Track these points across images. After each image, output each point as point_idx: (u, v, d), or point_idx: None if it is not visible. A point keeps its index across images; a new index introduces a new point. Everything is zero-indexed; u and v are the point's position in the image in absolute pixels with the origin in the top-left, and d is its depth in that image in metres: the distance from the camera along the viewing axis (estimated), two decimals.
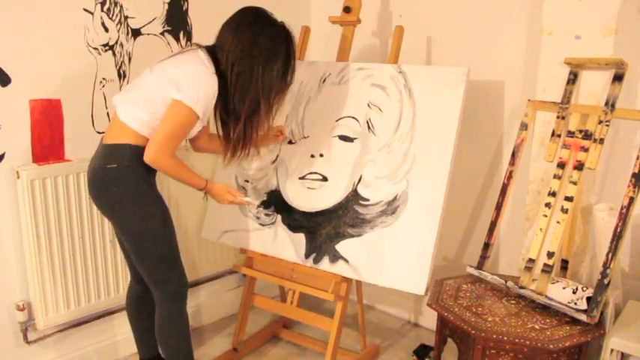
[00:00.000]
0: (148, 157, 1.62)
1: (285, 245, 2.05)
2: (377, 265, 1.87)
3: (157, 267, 1.75)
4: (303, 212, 2.04)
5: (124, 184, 1.67)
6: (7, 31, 1.80)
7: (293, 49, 1.79)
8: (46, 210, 1.91)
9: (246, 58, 1.68)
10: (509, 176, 1.95)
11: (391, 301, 2.69)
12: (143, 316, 1.94)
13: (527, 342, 1.56)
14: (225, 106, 1.73)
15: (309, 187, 2.05)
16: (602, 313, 1.64)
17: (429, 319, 2.52)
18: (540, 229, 1.81)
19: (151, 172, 1.72)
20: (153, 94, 1.65)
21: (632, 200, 1.61)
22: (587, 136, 1.77)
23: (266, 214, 2.13)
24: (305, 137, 2.11)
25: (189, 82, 1.63)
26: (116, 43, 2.08)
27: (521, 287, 1.79)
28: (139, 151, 1.64)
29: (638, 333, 1.61)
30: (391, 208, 1.88)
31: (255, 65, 1.68)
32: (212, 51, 1.72)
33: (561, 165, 1.82)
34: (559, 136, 1.86)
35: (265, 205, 2.13)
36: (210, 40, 1.74)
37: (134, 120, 1.65)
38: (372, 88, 2.01)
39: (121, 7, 2.06)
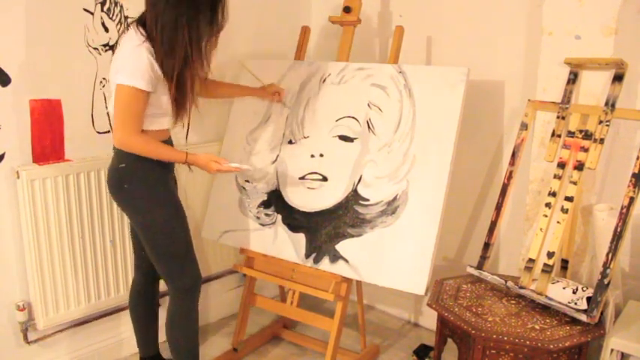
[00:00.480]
0: (115, 144, 1.67)
1: (285, 245, 2.05)
2: (377, 265, 1.87)
3: (169, 262, 1.79)
4: (303, 212, 2.04)
5: (134, 180, 1.72)
6: (7, 31, 1.80)
7: None
8: (46, 210, 1.91)
9: (168, 9, 1.60)
10: (509, 176, 1.95)
11: (391, 301, 2.69)
12: (143, 311, 1.99)
13: (527, 342, 1.56)
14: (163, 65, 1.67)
15: (309, 187, 2.05)
16: (602, 313, 1.64)
17: (429, 319, 2.52)
18: (540, 229, 1.81)
19: (163, 168, 1.77)
20: (111, 89, 1.68)
21: (632, 200, 1.61)
22: (587, 136, 1.77)
23: (266, 214, 2.13)
24: (305, 137, 2.11)
25: (121, 62, 1.63)
26: (116, 43, 2.08)
27: (522, 287, 1.79)
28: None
29: (638, 333, 1.61)
30: (391, 208, 1.88)
31: (178, 15, 1.60)
32: (142, 18, 1.69)
33: (561, 165, 1.82)
34: (559, 136, 1.86)
35: (265, 205, 2.13)
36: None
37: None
38: (372, 88, 2.01)
39: (121, 7, 2.06)
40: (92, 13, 1.99)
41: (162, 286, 1.95)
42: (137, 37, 1.64)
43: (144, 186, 1.74)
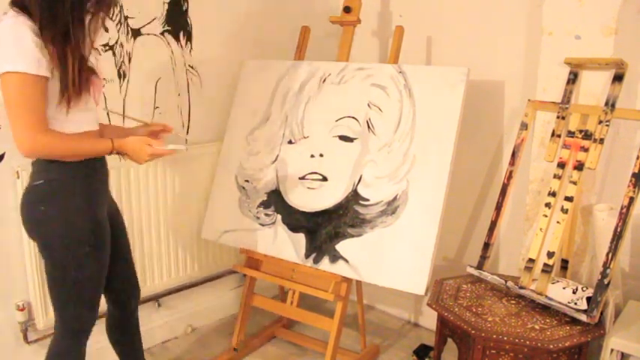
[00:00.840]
0: (20, 150, 1.35)
1: (285, 245, 2.05)
2: (377, 265, 1.87)
3: (67, 298, 1.53)
4: (303, 212, 2.04)
5: (52, 201, 1.43)
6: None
7: None
8: None
9: None
10: (509, 176, 1.95)
11: (391, 301, 2.69)
12: (127, 340, 1.82)
13: (527, 342, 1.56)
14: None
15: (309, 187, 2.05)
16: (602, 313, 1.64)
17: (429, 319, 2.52)
18: (540, 229, 1.81)
19: (92, 185, 1.49)
20: None
21: (632, 200, 1.61)
22: (587, 136, 1.77)
23: (266, 214, 2.13)
24: (305, 137, 2.10)
25: (3, 47, 1.30)
26: (116, 43, 2.08)
27: (521, 287, 1.79)
28: (63, 162, 1.42)
29: (638, 333, 1.61)
30: (391, 208, 1.88)
31: None
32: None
33: (561, 165, 1.82)
34: (559, 136, 1.86)
35: (265, 205, 2.14)
36: (207, 39, 1.69)
37: None
38: (372, 88, 2.01)
39: (121, 7, 2.06)
40: None
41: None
42: (10, 13, 1.32)
43: (64, 207, 1.43)
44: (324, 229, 1.98)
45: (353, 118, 2.02)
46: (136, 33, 2.13)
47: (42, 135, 1.33)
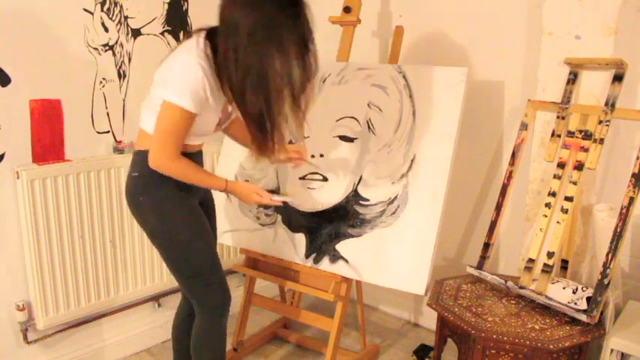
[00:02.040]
0: (151, 164, 1.50)
1: (285, 245, 2.05)
2: (377, 265, 1.87)
3: (191, 282, 1.64)
4: (303, 212, 2.04)
5: (148, 192, 1.56)
6: (7, 31, 1.80)
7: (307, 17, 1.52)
8: (46, 210, 1.91)
9: (252, 47, 1.39)
10: (509, 176, 1.95)
11: (391, 301, 2.69)
12: (186, 339, 1.81)
13: (527, 342, 1.56)
14: (232, 92, 1.49)
15: (309, 187, 2.05)
16: (602, 313, 1.64)
17: (429, 319, 2.52)
18: (540, 229, 1.81)
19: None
20: (152, 96, 1.54)
21: (632, 200, 1.61)
22: (587, 136, 1.77)
23: (266, 214, 2.13)
24: (305, 137, 2.10)
25: (172, 76, 1.46)
26: (116, 43, 2.08)
27: (521, 287, 1.79)
28: None
29: (638, 333, 1.61)
30: (391, 208, 1.88)
31: (263, 55, 1.40)
32: (212, 33, 1.50)
33: (561, 165, 1.82)
34: (559, 136, 1.86)
35: (265, 205, 2.13)
36: None
37: (148, 125, 1.55)
38: (372, 88, 2.01)
39: (121, 7, 2.06)
40: (92, 13, 1.99)
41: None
42: (197, 50, 1.45)
43: (160, 199, 1.57)
44: (324, 229, 1.98)
45: (353, 118, 2.02)
46: (136, 33, 2.13)
47: (175, 161, 1.51)
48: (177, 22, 2.25)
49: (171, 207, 1.58)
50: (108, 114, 2.10)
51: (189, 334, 1.76)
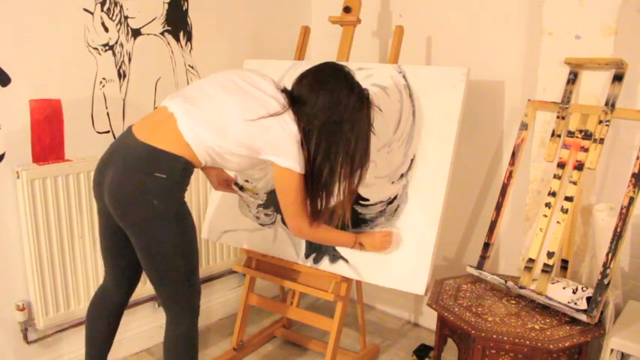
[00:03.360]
0: (294, 230, 1.70)
1: (285, 245, 2.05)
2: (377, 265, 1.87)
3: (182, 284, 1.62)
4: None
5: (168, 199, 1.51)
6: (7, 31, 1.80)
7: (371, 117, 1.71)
8: (46, 210, 1.91)
9: (335, 118, 1.59)
10: (509, 176, 1.95)
11: (391, 301, 2.69)
12: (106, 327, 1.78)
13: (527, 342, 1.56)
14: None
15: None
16: (602, 313, 1.64)
17: (429, 319, 2.52)
18: (540, 229, 1.81)
19: (188, 183, 1.61)
20: (232, 131, 1.55)
21: (632, 200, 1.61)
22: (587, 136, 1.77)
23: (266, 214, 2.13)
24: None
25: (284, 144, 1.57)
26: (116, 43, 2.08)
27: (521, 287, 1.79)
28: (190, 167, 1.54)
29: (638, 333, 1.61)
30: (391, 208, 1.88)
31: (342, 126, 1.60)
32: (291, 104, 1.62)
33: (561, 165, 1.82)
34: (559, 136, 1.86)
35: (265, 205, 2.13)
36: (207, 39, 1.69)
37: (196, 141, 1.52)
38: (372, 88, 2.01)
39: (121, 7, 2.06)
40: (92, 13, 1.99)
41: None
42: (293, 122, 1.59)
43: (177, 206, 1.55)
44: None
45: None
46: (136, 33, 2.13)
47: (313, 226, 1.71)
48: (177, 22, 2.25)
49: (184, 214, 1.58)
50: (108, 114, 2.10)
51: (108, 320, 1.76)
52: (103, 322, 1.78)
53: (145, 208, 1.49)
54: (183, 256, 1.58)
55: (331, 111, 1.58)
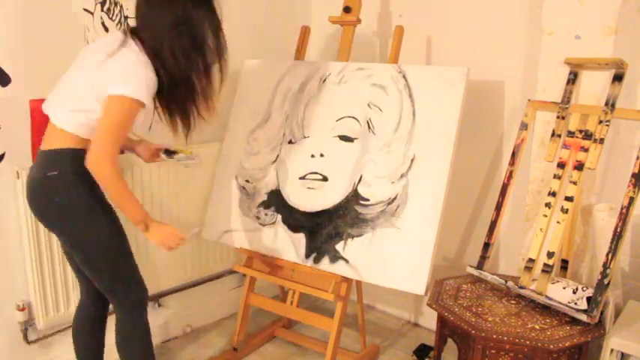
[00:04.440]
0: (90, 163, 1.48)
1: (285, 245, 2.05)
2: (377, 265, 1.87)
3: (112, 279, 1.64)
4: (303, 212, 2.04)
5: (67, 192, 1.54)
6: (7, 30, 1.80)
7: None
8: None
9: (171, 34, 1.54)
10: (509, 176, 1.95)
11: (391, 301, 2.69)
12: (90, 340, 1.81)
13: (527, 342, 1.56)
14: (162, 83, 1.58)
15: (309, 187, 2.05)
16: (602, 313, 1.64)
17: (429, 319, 2.52)
18: (540, 229, 1.81)
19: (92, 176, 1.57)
20: (85, 93, 1.53)
21: (632, 200, 1.61)
22: (587, 136, 1.77)
23: (266, 214, 2.13)
24: (305, 137, 2.10)
25: (123, 71, 1.51)
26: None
27: (521, 287, 1.79)
28: (81, 155, 1.52)
29: (638, 333, 1.61)
30: (391, 208, 1.88)
31: (187, 41, 1.57)
32: (135, 33, 1.59)
33: (561, 165, 1.82)
34: (559, 136, 1.86)
35: (265, 205, 2.14)
36: None
37: (70, 124, 1.54)
38: (372, 88, 2.01)
39: (121, 7, 2.06)
40: (92, 13, 1.99)
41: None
42: (138, 48, 1.55)
43: (78, 199, 1.55)
44: (324, 229, 1.98)
45: (353, 118, 2.02)
46: None
47: (111, 164, 1.49)
48: None
49: (92, 207, 1.57)
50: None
51: (95, 335, 1.81)
52: (87, 336, 1.82)
53: (50, 208, 1.57)
54: (104, 250, 1.60)
55: (164, 18, 1.53)
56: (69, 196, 1.54)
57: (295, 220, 2.05)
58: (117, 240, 1.63)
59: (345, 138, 2.03)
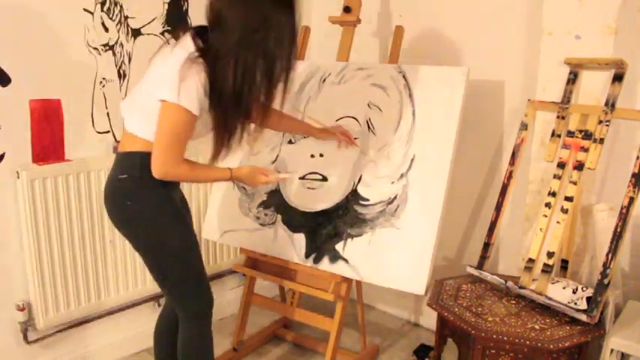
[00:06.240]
0: (155, 173, 1.45)
1: (285, 245, 2.05)
2: (377, 265, 1.87)
3: (178, 287, 1.60)
4: (303, 212, 2.04)
5: (136, 196, 1.51)
6: (7, 31, 1.80)
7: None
8: (46, 210, 1.91)
9: (247, 48, 1.41)
10: (509, 176, 1.95)
11: (391, 301, 2.69)
12: (173, 344, 1.74)
13: (527, 342, 1.56)
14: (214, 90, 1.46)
15: (309, 187, 2.05)
16: (602, 313, 1.64)
17: (429, 319, 2.52)
18: (540, 229, 1.81)
19: (168, 182, 1.55)
20: (145, 99, 1.49)
21: (632, 200, 1.61)
22: (587, 136, 1.77)
23: (266, 214, 2.13)
24: (305, 137, 2.10)
25: (173, 76, 1.41)
26: (116, 43, 2.08)
27: (521, 287, 1.79)
28: (149, 159, 1.48)
29: (638, 333, 1.61)
30: (391, 208, 1.88)
31: (257, 56, 1.43)
32: (202, 32, 1.49)
33: (561, 165, 1.82)
34: (559, 136, 1.86)
35: (265, 205, 2.14)
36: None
37: (139, 130, 1.51)
38: (372, 88, 2.01)
39: (121, 7, 2.06)
40: (92, 13, 1.99)
41: None
42: (192, 50, 1.44)
43: (149, 203, 1.53)
44: (324, 229, 1.98)
45: (353, 118, 2.02)
46: (136, 33, 2.13)
47: (177, 166, 1.47)
48: (177, 22, 2.25)
49: (163, 212, 1.55)
50: (108, 114, 2.10)
51: (172, 338, 1.73)
52: (165, 339, 1.78)
53: (119, 211, 1.56)
54: (172, 260, 1.56)
55: (242, 22, 1.39)
56: (138, 200, 1.52)
57: (295, 220, 2.05)
58: (184, 248, 1.58)
59: None
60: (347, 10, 2.18)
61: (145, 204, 1.53)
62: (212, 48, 1.43)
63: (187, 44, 1.46)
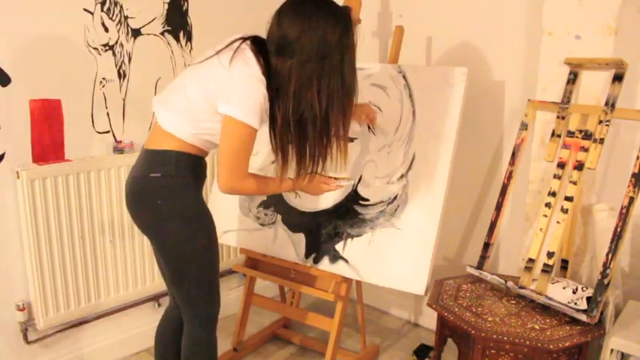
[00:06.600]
0: (222, 188, 1.47)
1: (285, 245, 2.05)
2: (377, 265, 1.87)
3: (194, 290, 1.57)
4: (303, 212, 2.04)
5: (168, 196, 1.47)
6: (7, 31, 1.80)
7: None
8: (46, 210, 1.91)
9: (313, 54, 1.41)
10: (509, 176, 1.95)
11: (391, 301, 2.69)
12: (175, 345, 1.72)
13: (527, 342, 1.56)
14: (275, 111, 1.48)
15: None
16: (602, 313, 1.64)
17: (429, 319, 2.52)
18: (540, 229, 1.81)
19: (198, 182, 1.57)
20: (196, 103, 1.46)
21: (632, 200, 1.61)
22: (587, 136, 1.77)
23: (266, 214, 2.13)
24: None
25: (236, 90, 1.41)
26: (116, 43, 2.08)
27: (521, 287, 1.79)
28: (186, 159, 1.48)
29: (638, 333, 1.61)
30: (391, 208, 1.88)
31: (323, 62, 1.42)
32: (260, 43, 1.48)
33: (561, 165, 1.82)
34: (559, 136, 1.86)
35: (265, 205, 2.13)
36: (207, 39, 1.70)
37: (178, 130, 1.47)
38: (372, 88, 2.01)
39: (121, 7, 2.06)
40: (92, 13, 1.99)
41: None
42: (256, 67, 1.43)
43: (182, 204, 1.49)
44: (324, 229, 1.98)
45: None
46: (136, 33, 2.13)
47: (244, 181, 1.50)
48: (177, 22, 2.25)
49: (197, 212, 1.53)
50: (108, 114, 2.10)
51: (176, 341, 1.71)
52: (167, 339, 1.76)
53: (149, 210, 1.51)
54: (196, 261, 1.53)
55: (317, 49, 1.41)
56: (170, 200, 1.48)
57: (295, 220, 2.05)
58: (209, 249, 1.56)
59: None
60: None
61: (180, 203, 1.49)
62: (282, 72, 1.44)
63: (250, 61, 1.44)
